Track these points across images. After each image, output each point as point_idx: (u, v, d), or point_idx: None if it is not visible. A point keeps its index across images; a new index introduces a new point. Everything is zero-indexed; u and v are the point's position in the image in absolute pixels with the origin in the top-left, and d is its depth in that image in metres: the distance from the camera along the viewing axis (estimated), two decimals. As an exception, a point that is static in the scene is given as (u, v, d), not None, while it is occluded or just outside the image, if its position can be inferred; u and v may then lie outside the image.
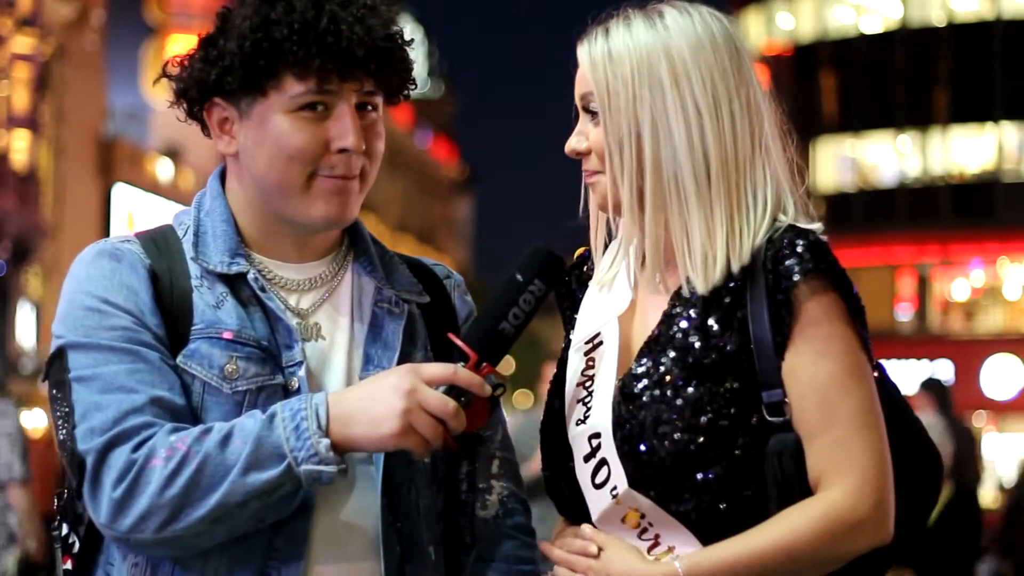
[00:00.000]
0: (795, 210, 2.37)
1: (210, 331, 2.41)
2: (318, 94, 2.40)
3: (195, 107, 2.48)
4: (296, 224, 2.47)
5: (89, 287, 2.41)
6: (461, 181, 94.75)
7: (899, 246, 40.44)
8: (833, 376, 2.27)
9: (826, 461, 2.26)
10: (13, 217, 32.99)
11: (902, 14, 43.02)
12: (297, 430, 2.29)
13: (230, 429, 2.31)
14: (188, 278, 2.44)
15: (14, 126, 33.99)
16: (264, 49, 2.38)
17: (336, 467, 2.29)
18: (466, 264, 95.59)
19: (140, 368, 2.36)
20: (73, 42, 37.71)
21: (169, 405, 2.35)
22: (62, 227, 36.60)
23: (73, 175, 37.53)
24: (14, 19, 33.74)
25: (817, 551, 2.23)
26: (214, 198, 2.52)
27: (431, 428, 2.29)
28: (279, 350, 2.42)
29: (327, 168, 2.42)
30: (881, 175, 43.66)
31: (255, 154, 2.44)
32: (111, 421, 2.32)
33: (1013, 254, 41.55)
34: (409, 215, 76.94)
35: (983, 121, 41.83)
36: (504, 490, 2.60)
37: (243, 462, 2.28)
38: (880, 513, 2.26)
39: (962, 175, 42.66)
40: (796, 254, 2.28)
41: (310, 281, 2.51)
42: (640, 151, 2.34)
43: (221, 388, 2.39)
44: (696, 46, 2.35)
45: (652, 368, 2.33)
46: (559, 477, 2.43)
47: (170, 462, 2.29)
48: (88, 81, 38.69)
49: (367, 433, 2.29)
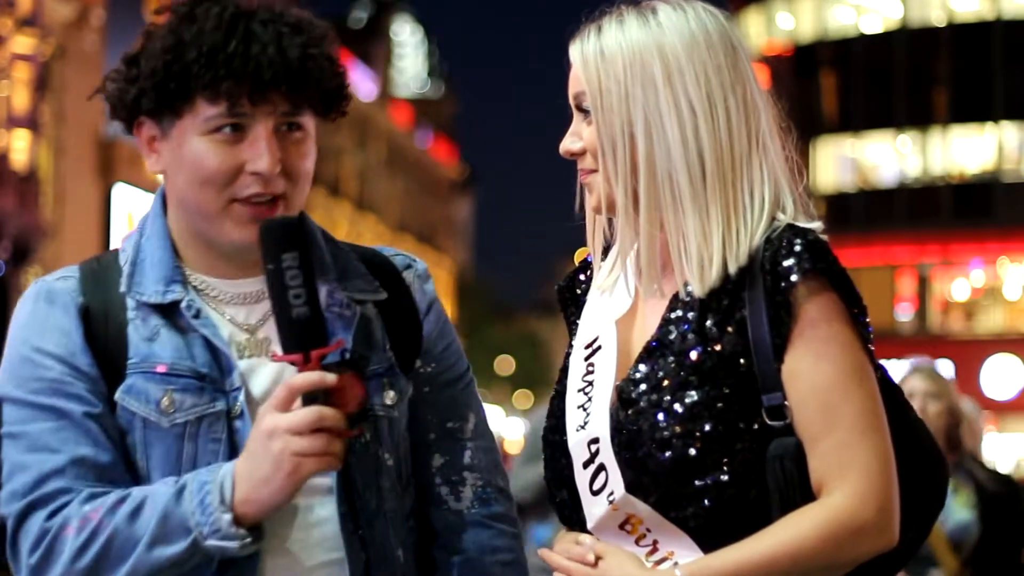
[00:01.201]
0: (794, 209, 2.33)
1: (144, 365, 2.39)
2: (230, 116, 2.36)
3: (126, 124, 2.45)
4: (217, 246, 2.44)
5: (24, 334, 2.42)
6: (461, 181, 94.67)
7: (899, 246, 40.43)
8: (834, 378, 2.24)
9: (829, 465, 2.22)
10: (13, 217, 32.96)
11: (902, 14, 43.01)
12: (202, 504, 2.28)
13: (143, 499, 2.31)
14: (124, 311, 2.42)
15: (14, 126, 33.94)
16: (175, 72, 2.35)
17: (239, 542, 2.27)
18: (466, 264, 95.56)
19: (64, 426, 2.35)
20: (73, 42, 37.68)
21: (91, 464, 2.35)
22: (62, 227, 36.57)
23: (73, 175, 37.50)
24: (14, 19, 33.70)
25: (821, 557, 2.20)
26: (154, 220, 2.50)
27: (314, 445, 2.24)
28: (222, 375, 2.40)
29: (243, 190, 2.37)
30: (881, 175, 43.64)
31: (176, 176, 2.42)
32: (30, 485, 2.33)
33: (1013, 254, 41.54)
34: (409, 215, 76.89)
35: (983, 121, 41.82)
36: (478, 480, 2.58)
37: (149, 536, 2.28)
38: (885, 517, 2.22)
39: (962, 175, 42.65)
40: (794, 254, 2.24)
41: (256, 294, 2.47)
42: (634, 150, 2.31)
43: (160, 423, 2.37)
44: (690, 43, 2.32)
45: (650, 373, 2.30)
46: (560, 484, 2.40)
47: (82, 533, 2.30)
48: (88, 81, 38.60)
49: (270, 492, 2.27)
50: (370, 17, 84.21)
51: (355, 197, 65.36)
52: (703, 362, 2.27)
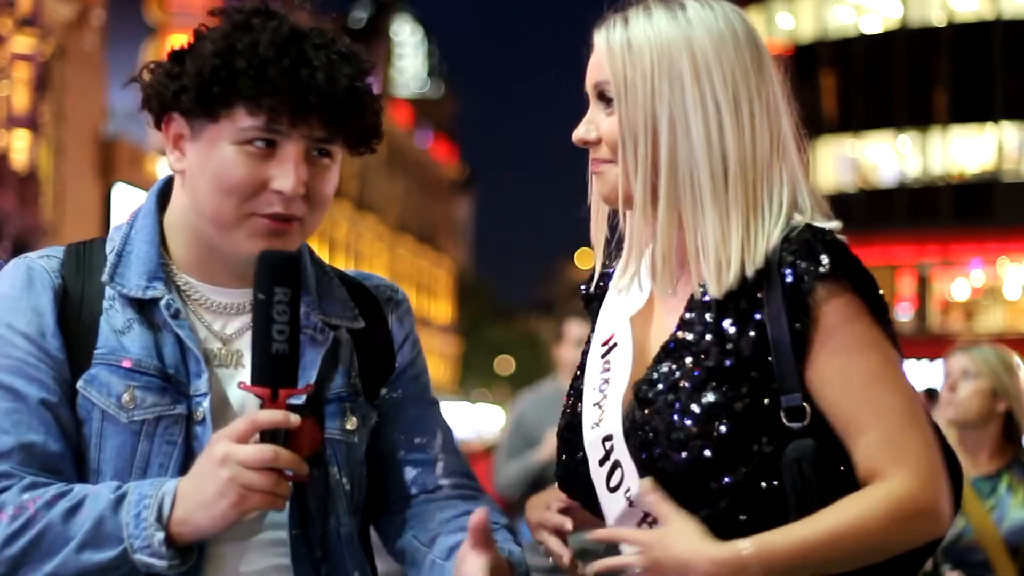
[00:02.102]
0: (812, 210, 2.32)
1: (110, 358, 2.37)
2: (266, 131, 2.36)
3: (156, 117, 2.45)
4: (225, 254, 2.44)
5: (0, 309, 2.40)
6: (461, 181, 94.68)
7: (899, 246, 40.44)
8: (873, 371, 2.23)
9: (881, 455, 2.20)
10: (13, 217, 32.97)
11: (902, 14, 43.02)
12: (138, 518, 2.26)
13: (82, 499, 2.29)
14: (101, 299, 2.41)
15: (14, 126, 33.95)
16: (221, 77, 2.35)
17: (167, 562, 2.25)
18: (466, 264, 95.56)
19: (19, 408, 2.33)
20: (73, 42, 37.69)
21: (39, 451, 2.33)
22: (62, 227, 36.57)
23: (73, 175, 37.50)
24: (14, 19, 33.71)
25: (883, 537, 2.18)
26: (146, 216, 2.49)
27: (263, 482, 2.21)
28: (188, 378, 2.39)
29: (263, 207, 2.37)
30: (881, 175, 43.65)
31: (198, 178, 2.40)
32: None
33: (1013, 254, 41.55)
34: (409, 215, 76.87)
35: (983, 121, 41.83)
36: (454, 483, 2.58)
37: (80, 538, 2.26)
38: (943, 502, 2.21)
39: (962, 175, 42.66)
40: (813, 255, 2.23)
41: (238, 307, 2.47)
42: (656, 145, 2.29)
43: (119, 417, 2.36)
44: (719, 42, 2.31)
45: (668, 373, 2.28)
46: (573, 482, 2.40)
47: (15, 521, 2.28)
48: (88, 81, 38.67)
49: (208, 516, 2.24)
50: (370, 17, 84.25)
51: (355, 197, 65.33)
52: (720, 363, 2.25)
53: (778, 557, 2.16)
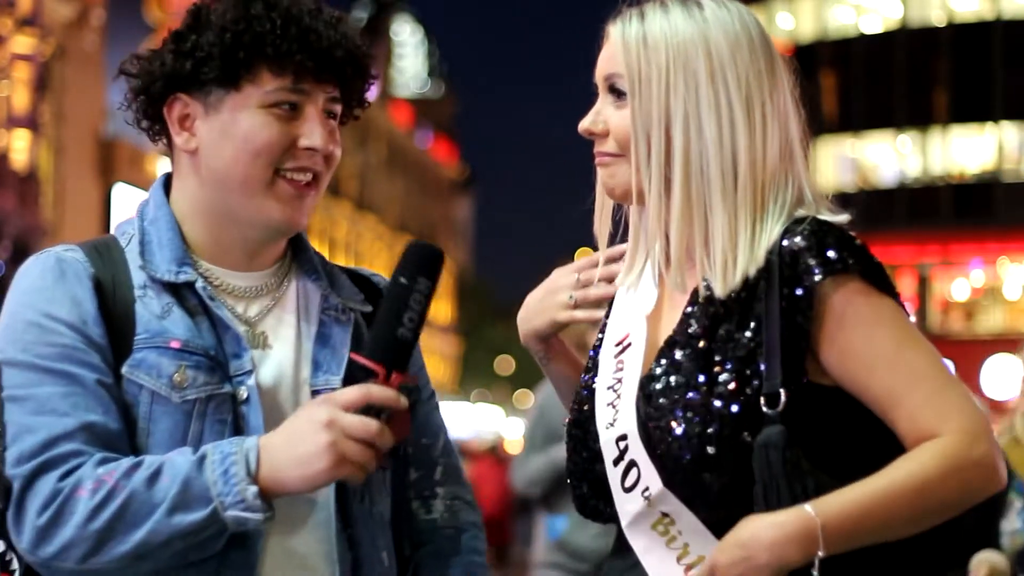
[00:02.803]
0: (816, 204, 2.32)
1: (157, 340, 2.38)
2: (292, 92, 2.41)
3: (153, 105, 2.46)
4: (251, 225, 2.46)
5: (32, 300, 2.39)
6: (461, 181, 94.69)
7: (899, 246, 40.43)
8: (899, 339, 2.23)
9: (925, 417, 2.20)
10: (13, 217, 32.97)
11: (902, 14, 43.02)
12: (226, 475, 2.27)
13: (160, 466, 2.29)
14: (131, 288, 2.42)
15: (14, 126, 33.96)
16: (245, 41, 2.39)
17: (262, 514, 2.28)
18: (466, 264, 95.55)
19: (75, 391, 2.33)
20: (73, 42, 37.69)
21: (102, 431, 2.32)
22: (62, 227, 36.57)
23: (73, 175, 37.51)
24: (14, 19, 33.71)
25: (942, 492, 2.17)
26: (158, 207, 2.49)
27: (361, 453, 2.26)
28: (227, 359, 2.41)
29: (291, 162, 2.42)
30: (881, 175, 43.66)
31: (220, 149, 2.43)
32: (40, 446, 2.30)
33: (1013, 254, 41.55)
34: (409, 215, 76.88)
35: (983, 121, 41.83)
36: (448, 495, 2.63)
37: (169, 502, 2.26)
38: (995, 455, 2.20)
39: (962, 175, 42.66)
40: (820, 249, 2.23)
41: (256, 289, 2.49)
42: (669, 141, 2.30)
43: (170, 397, 2.36)
44: (734, 43, 2.31)
45: (670, 368, 2.29)
46: (582, 477, 2.40)
47: (96, 494, 2.27)
48: (88, 81, 38.66)
49: (300, 475, 2.27)
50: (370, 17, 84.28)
51: (355, 197, 65.35)
52: (719, 360, 2.26)
53: (837, 516, 2.15)
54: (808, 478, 2.20)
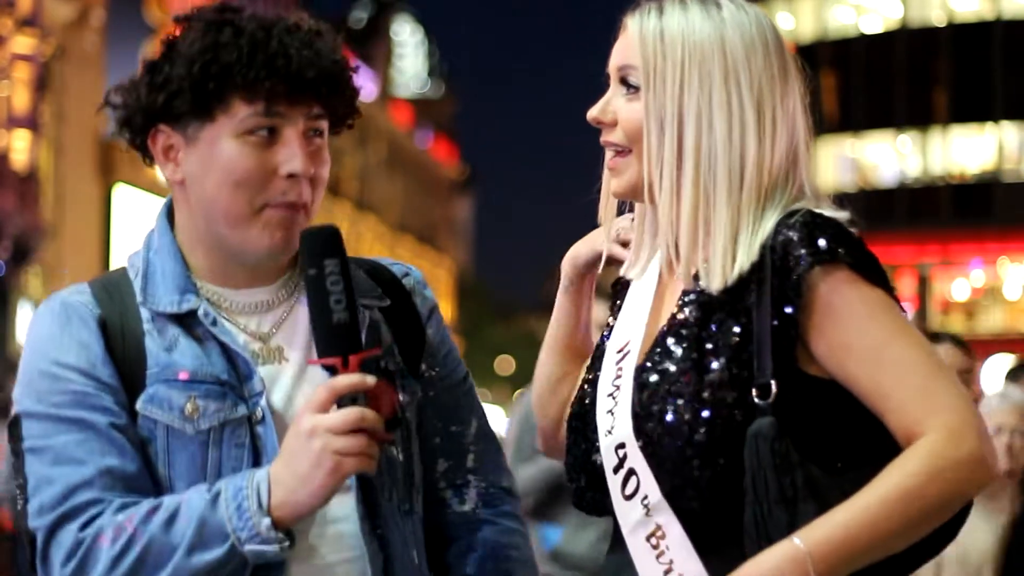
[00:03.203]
0: (815, 200, 2.33)
1: (165, 373, 2.39)
2: (267, 116, 2.38)
3: (138, 135, 2.46)
4: (241, 255, 2.45)
5: (43, 347, 2.41)
6: (461, 181, 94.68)
7: (899, 246, 40.43)
8: (889, 331, 2.23)
9: (914, 412, 2.19)
10: (13, 217, 32.96)
11: (902, 14, 43.03)
12: (239, 510, 2.29)
13: (176, 508, 2.31)
14: (140, 323, 2.43)
15: (14, 126, 33.93)
16: (212, 72, 2.36)
17: (278, 546, 2.29)
18: (466, 264, 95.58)
19: (89, 437, 2.35)
20: (73, 42, 37.68)
21: (119, 474, 2.35)
22: (62, 227, 36.57)
23: (73, 175, 37.50)
24: (14, 19, 33.69)
25: (931, 494, 2.15)
26: (161, 235, 2.50)
27: (355, 444, 2.26)
28: (240, 382, 2.41)
29: (277, 195, 2.40)
30: (881, 175, 43.66)
31: (202, 180, 2.41)
32: (59, 497, 2.33)
33: (1013, 254, 41.56)
34: (409, 215, 76.89)
35: (983, 121, 41.84)
36: (482, 483, 2.61)
37: (187, 543, 2.29)
38: (986, 445, 2.19)
39: (962, 175, 42.67)
40: (811, 239, 2.24)
41: (267, 304, 2.50)
42: (682, 136, 2.30)
43: (184, 430, 2.38)
44: (750, 46, 2.32)
45: (662, 357, 2.30)
46: (580, 470, 2.40)
47: (117, 543, 2.29)
48: (88, 81, 38.65)
49: (308, 492, 2.28)
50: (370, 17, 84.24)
51: (355, 197, 65.35)
52: (710, 350, 2.27)
53: (826, 542, 2.13)
54: (797, 470, 2.20)
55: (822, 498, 2.20)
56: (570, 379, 2.62)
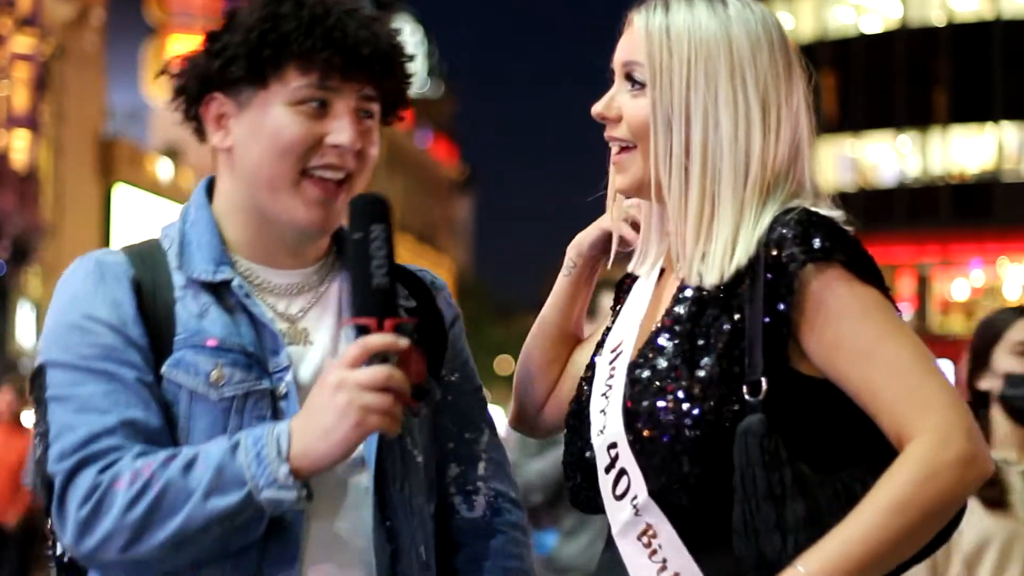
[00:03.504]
0: (814, 198, 2.33)
1: (194, 339, 2.42)
2: (319, 89, 2.42)
3: (193, 104, 2.49)
4: (280, 224, 2.48)
5: (74, 302, 2.43)
6: (461, 181, 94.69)
7: (899, 246, 40.44)
8: (880, 330, 2.22)
9: (903, 414, 2.19)
10: (13, 217, 32.96)
11: (902, 14, 43.04)
12: (258, 457, 2.30)
13: (195, 455, 2.33)
14: (171, 289, 2.46)
15: (14, 126, 33.94)
16: (270, 40, 2.40)
17: (296, 493, 2.30)
18: (466, 264, 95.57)
19: (116, 389, 2.38)
20: (73, 42, 37.69)
21: (142, 427, 2.37)
22: (62, 227, 36.59)
23: (73, 175, 37.51)
24: (14, 19, 33.70)
25: (925, 500, 2.14)
26: (198, 209, 2.53)
27: (381, 401, 2.27)
28: (266, 356, 2.44)
29: (318, 160, 2.43)
30: (881, 175, 43.67)
31: (250, 146, 2.45)
32: (80, 442, 2.35)
33: (1013, 254, 41.56)
34: (409, 215, 76.89)
35: (983, 121, 41.86)
36: (491, 492, 2.62)
37: (204, 487, 2.30)
38: (975, 444, 2.17)
39: (962, 175, 42.68)
40: (806, 237, 2.23)
41: (298, 287, 2.52)
42: (688, 135, 2.31)
43: (208, 395, 2.40)
44: (755, 44, 2.32)
45: (655, 353, 2.30)
46: (576, 467, 2.40)
47: (133, 486, 2.31)
48: (88, 81, 38.68)
49: (329, 443, 2.29)
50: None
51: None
52: (705, 343, 2.26)
53: (826, 560, 2.13)
54: (786, 467, 2.19)
55: (811, 496, 2.20)
56: (557, 364, 2.64)
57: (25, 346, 34.84)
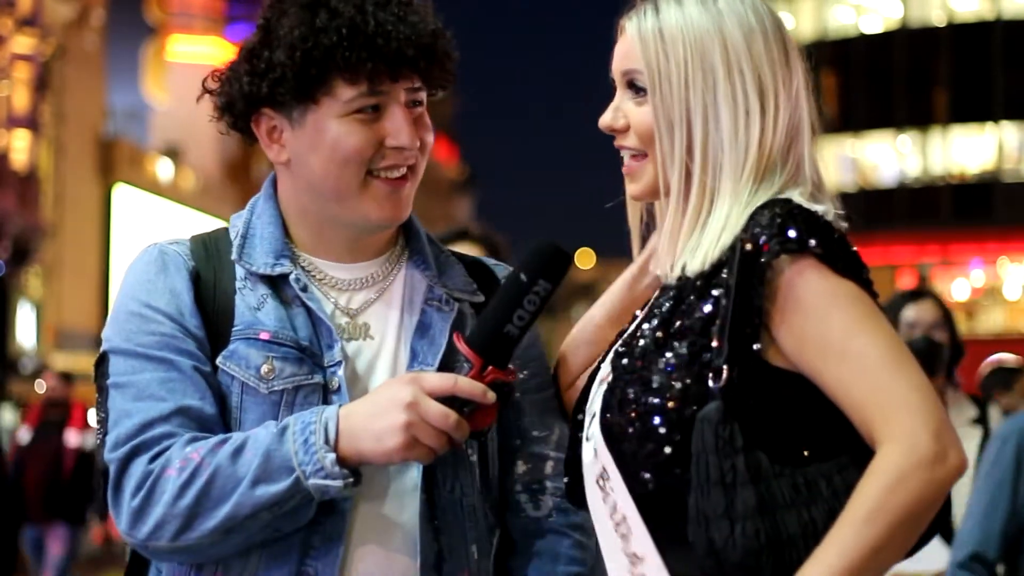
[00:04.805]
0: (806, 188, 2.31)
1: (248, 332, 2.43)
2: (370, 96, 2.42)
3: (241, 120, 2.49)
4: (351, 226, 2.50)
5: (135, 291, 2.46)
6: (461, 181, 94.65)
7: (899, 246, 40.44)
8: (852, 324, 2.18)
9: (871, 414, 2.16)
10: (13, 217, 32.97)
11: (902, 14, 43.04)
12: (306, 444, 2.31)
13: (244, 441, 2.34)
14: (233, 280, 2.48)
15: (14, 126, 33.96)
16: (315, 57, 2.39)
17: (343, 481, 2.30)
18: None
19: (173, 377, 2.40)
20: (73, 42, 37.70)
21: (197, 414, 2.39)
22: (62, 227, 36.60)
23: (73, 175, 37.52)
24: (14, 19, 33.71)
25: (898, 507, 2.11)
26: (266, 201, 2.54)
27: (434, 439, 2.29)
28: (321, 350, 2.44)
29: (381, 163, 2.44)
30: (881, 175, 43.67)
31: (309, 160, 2.45)
32: (135, 429, 2.37)
33: (1013, 254, 41.57)
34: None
35: (983, 121, 41.85)
36: (558, 491, 2.57)
37: (252, 475, 2.31)
38: (942, 443, 2.13)
39: (962, 175, 42.68)
40: (781, 229, 2.21)
41: (361, 281, 2.53)
42: (691, 135, 2.29)
43: (258, 388, 2.41)
44: (749, 34, 2.31)
45: (635, 341, 2.29)
46: (572, 466, 2.40)
47: (183, 472, 2.33)
48: (88, 81, 38.69)
49: (373, 447, 2.31)
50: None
51: (355, 197, 65.19)
52: (679, 329, 2.25)
53: None
54: (739, 456, 2.16)
55: (765, 485, 2.17)
56: (587, 348, 2.59)
57: (25, 346, 34.84)
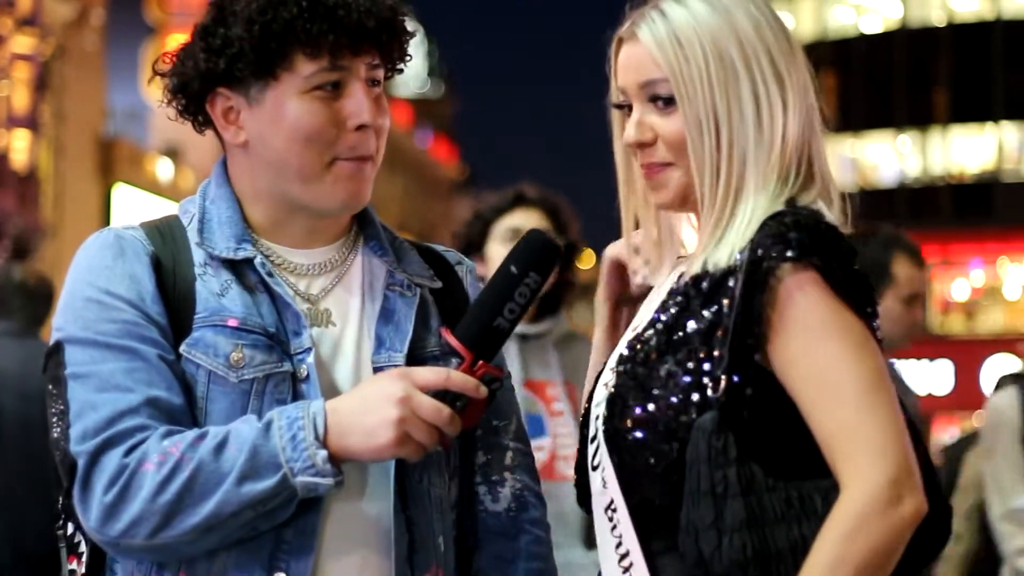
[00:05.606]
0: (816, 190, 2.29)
1: (214, 319, 2.35)
2: (331, 71, 2.36)
3: (194, 102, 2.43)
4: (312, 210, 2.44)
5: (91, 277, 2.36)
6: (461, 181, 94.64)
7: (899, 246, 40.34)
8: (832, 356, 2.15)
9: (835, 449, 2.13)
10: (13, 217, 32.94)
11: (902, 14, 43.02)
12: (294, 440, 2.25)
13: (225, 435, 2.26)
14: (191, 266, 2.39)
15: (14, 126, 33.91)
16: (274, 31, 2.33)
17: (333, 479, 2.26)
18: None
19: (138, 367, 2.31)
20: (73, 42, 37.66)
21: (166, 406, 2.30)
22: (62, 227, 36.56)
23: (73, 175, 37.47)
24: (14, 19, 33.68)
25: (857, 554, 2.08)
26: (219, 186, 2.46)
27: (426, 435, 2.25)
28: (287, 337, 2.37)
29: (346, 149, 2.39)
30: (881, 175, 43.65)
31: (270, 140, 2.39)
32: (104, 422, 2.27)
33: (1013, 254, 41.56)
34: (409, 215, 76.82)
35: (983, 121, 41.84)
36: (517, 483, 2.55)
37: (238, 471, 2.24)
38: (898, 488, 2.10)
39: (962, 175, 42.67)
40: (785, 238, 2.18)
41: (319, 266, 2.46)
42: (718, 134, 2.25)
43: (227, 377, 2.34)
44: (757, 26, 2.28)
45: (640, 347, 2.27)
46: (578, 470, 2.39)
47: (163, 467, 2.24)
48: (88, 81, 38.65)
49: (363, 444, 2.26)
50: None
51: (355, 197, 65.15)
52: (683, 339, 2.22)
53: None
54: (732, 467, 2.14)
55: (757, 498, 2.15)
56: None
57: (25, 346, 34.76)
